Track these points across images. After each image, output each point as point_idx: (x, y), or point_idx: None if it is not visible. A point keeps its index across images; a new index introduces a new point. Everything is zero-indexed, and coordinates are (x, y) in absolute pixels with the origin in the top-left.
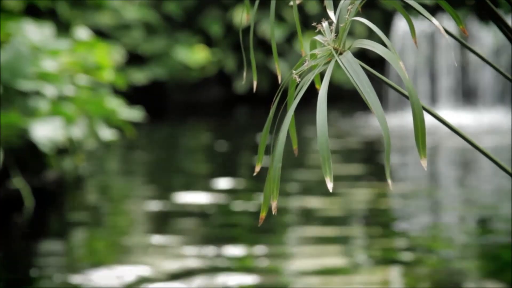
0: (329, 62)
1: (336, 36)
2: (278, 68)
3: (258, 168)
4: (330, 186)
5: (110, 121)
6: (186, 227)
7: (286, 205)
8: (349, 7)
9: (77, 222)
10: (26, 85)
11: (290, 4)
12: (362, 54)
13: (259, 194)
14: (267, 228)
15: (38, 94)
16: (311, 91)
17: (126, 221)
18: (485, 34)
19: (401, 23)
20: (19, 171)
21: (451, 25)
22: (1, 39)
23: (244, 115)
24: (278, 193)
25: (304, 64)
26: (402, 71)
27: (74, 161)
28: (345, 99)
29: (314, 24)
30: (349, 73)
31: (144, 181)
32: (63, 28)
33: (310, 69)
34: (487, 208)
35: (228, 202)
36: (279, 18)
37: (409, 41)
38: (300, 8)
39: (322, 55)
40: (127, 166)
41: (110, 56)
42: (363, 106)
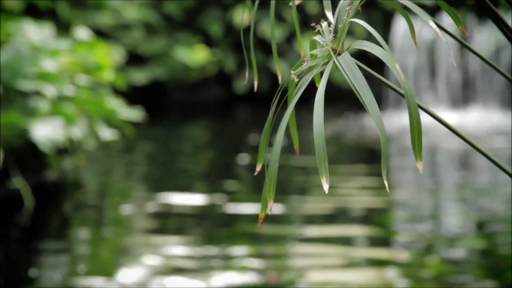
0: (327, 63)
1: (334, 36)
2: (279, 68)
3: (258, 168)
4: (326, 187)
5: (110, 121)
6: (185, 228)
7: (286, 206)
8: (347, 8)
9: (77, 222)
10: (26, 85)
11: (290, 4)
12: (362, 54)
13: (259, 194)
14: (267, 228)
15: (38, 94)
16: (312, 91)
17: (126, 221)
18: (485, 34)
19: (401, 23)
20: (19, 171)
21: (451, 25)
22: (1, 39)
23: (244, 115)
24: (275, 193)
25: (303, 64)
26: (398, 73)
27: (74, 161)
28: (345, 100)
29: (313, 24)
30: (346, 74)
31: (144, 181)
32: (63, 28)
33: (309, 69)
34: (487, 208)
35: (228, 202)
36: (279, 18)
37: (409, 40)
38: (300, 8)
39: (321, 56)
40: (127, 166)
41: (110, 56)
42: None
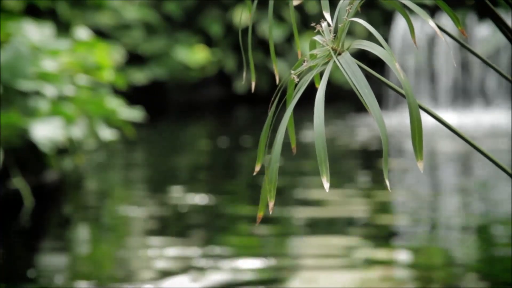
0: (327, 63)
1: (335, 36)
2: (276, 68)
3: (258, 168)
4: (326, 186)
5: (110, 121)
6: (185, 228)
7: (286, 206)
8: (348, 8)
9: (77, 222)
10: (26, 85)
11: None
12: (363, 54)
13: (258, 194)
14: (268, 229)
15: (38, 94)
16: (312, 91)
17: (125, 221)
18: (484, 34)
19: (401, 23)
20: (19, 171)
21: (451, 24)
22: (1, 39)
23: (244, 115)
24: (275, 193)
25: (303, 64)
26: (399, 73)
27: (74, 161)
28: (345, 100)
29: (313, 24)
30: (347, 73)
31: (143, 181)
32: (63, 28)
33: (309, 69)
34: (487, 208)
35: (227, 203)
36: (279, 18)
37: (409, 40)
38: (300, 8)
39: (321, 56)
40: (127, 166)
41: (110, 56)
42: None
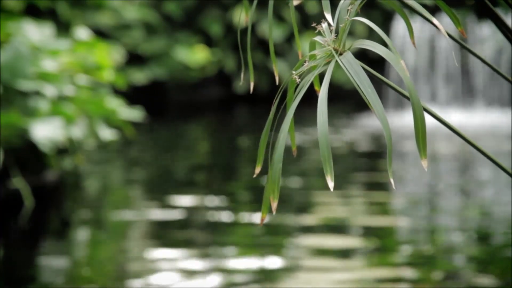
0: (329, 63)
1: (336, 36)
2: (276, 69)
3: (258, 169)
4: (331, 185)
5: (110, 121)
6: (185, 228)
7: (286, 208)
8: (349, 7)
9: (77, 222)
10: (26, 85)
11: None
12: (362, 54)
13: (258, 196)
14: (268, 230)
15: (38, 94)
16: (312, 91)
17: (125, 221)
18: (484, 34)
19: (400, 23)
20: (19, 171)
21: (450, 25)
22: (1, 39)
23: (244, 115)
24: (279, 194)
25: (304, 64)
26: (404, 71)
27: (74, 161)
28: (345, 100)
29: (313, 24)
30: (349, 73)
31: (143, 181)
32: (63, 28)
33: (310, 69)
34: (487, 209)
35: (227, 203)
36: (279, 18)
37: (409, 41)
38: (300, 8)
39: (322, 56)
40: (127, 166)
41: (110, 56)
42: (362, 106)
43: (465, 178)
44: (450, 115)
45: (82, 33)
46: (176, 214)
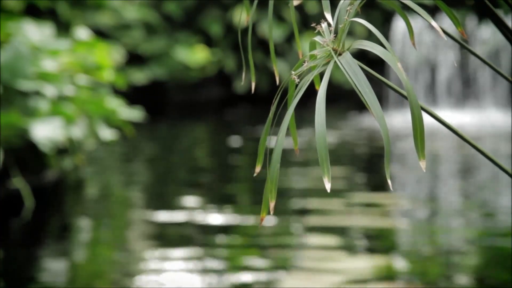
0: (328, 63)
1: (335, 36)
2: (276, 69)
3: (258, 169)
4: (328, 186)
5: (110, 121)
6: (185, 229)
7: (286, 209)
8: (348, 8)
9: (77, 222)
10: (26, 85)
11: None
12: (362, 55)
13: (258, 195)
14: (268, 230)
15: (38, 94)
16: (313, 91)
17: (125, 222)
18: (484, 34)
19: (401, 23)
20: (19, 171)
21: (450, 25)
22: (1, 39)
23: (244, 115)
24: (276, 194)
25: (303, 64)
26: (401, 72)
27: (74, 161)
28: (345, 99)
29: (313, 24)
30: (348, 74)
31: (143, 181)
32: (63, 28)
33: (310, 69)
34: (487, 209)
35: (227, 203)
36: (279, 18)
37: (409, 41)
38: (300, 8)
39: (322, 56)
40: (127, 166)
41: (110, 56)
42: (360, 106)
43: (465, 179)
44: (450, 115)
45: (82, 33)
46: (176, 214)
